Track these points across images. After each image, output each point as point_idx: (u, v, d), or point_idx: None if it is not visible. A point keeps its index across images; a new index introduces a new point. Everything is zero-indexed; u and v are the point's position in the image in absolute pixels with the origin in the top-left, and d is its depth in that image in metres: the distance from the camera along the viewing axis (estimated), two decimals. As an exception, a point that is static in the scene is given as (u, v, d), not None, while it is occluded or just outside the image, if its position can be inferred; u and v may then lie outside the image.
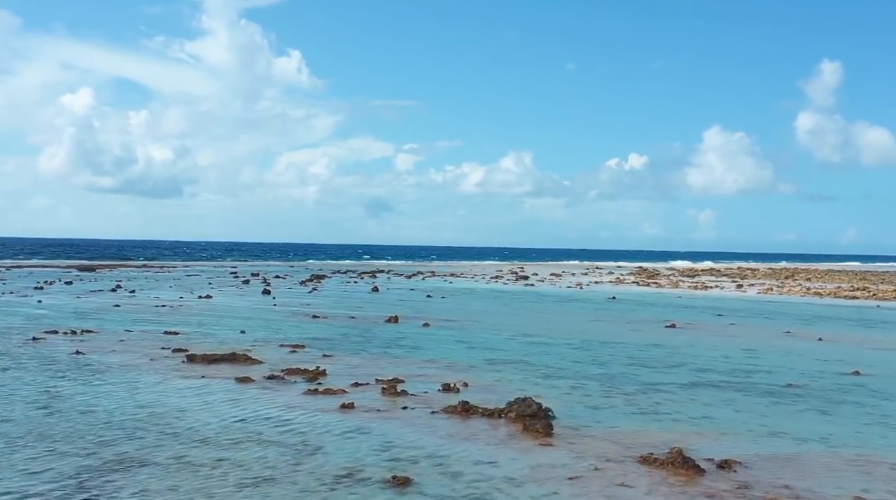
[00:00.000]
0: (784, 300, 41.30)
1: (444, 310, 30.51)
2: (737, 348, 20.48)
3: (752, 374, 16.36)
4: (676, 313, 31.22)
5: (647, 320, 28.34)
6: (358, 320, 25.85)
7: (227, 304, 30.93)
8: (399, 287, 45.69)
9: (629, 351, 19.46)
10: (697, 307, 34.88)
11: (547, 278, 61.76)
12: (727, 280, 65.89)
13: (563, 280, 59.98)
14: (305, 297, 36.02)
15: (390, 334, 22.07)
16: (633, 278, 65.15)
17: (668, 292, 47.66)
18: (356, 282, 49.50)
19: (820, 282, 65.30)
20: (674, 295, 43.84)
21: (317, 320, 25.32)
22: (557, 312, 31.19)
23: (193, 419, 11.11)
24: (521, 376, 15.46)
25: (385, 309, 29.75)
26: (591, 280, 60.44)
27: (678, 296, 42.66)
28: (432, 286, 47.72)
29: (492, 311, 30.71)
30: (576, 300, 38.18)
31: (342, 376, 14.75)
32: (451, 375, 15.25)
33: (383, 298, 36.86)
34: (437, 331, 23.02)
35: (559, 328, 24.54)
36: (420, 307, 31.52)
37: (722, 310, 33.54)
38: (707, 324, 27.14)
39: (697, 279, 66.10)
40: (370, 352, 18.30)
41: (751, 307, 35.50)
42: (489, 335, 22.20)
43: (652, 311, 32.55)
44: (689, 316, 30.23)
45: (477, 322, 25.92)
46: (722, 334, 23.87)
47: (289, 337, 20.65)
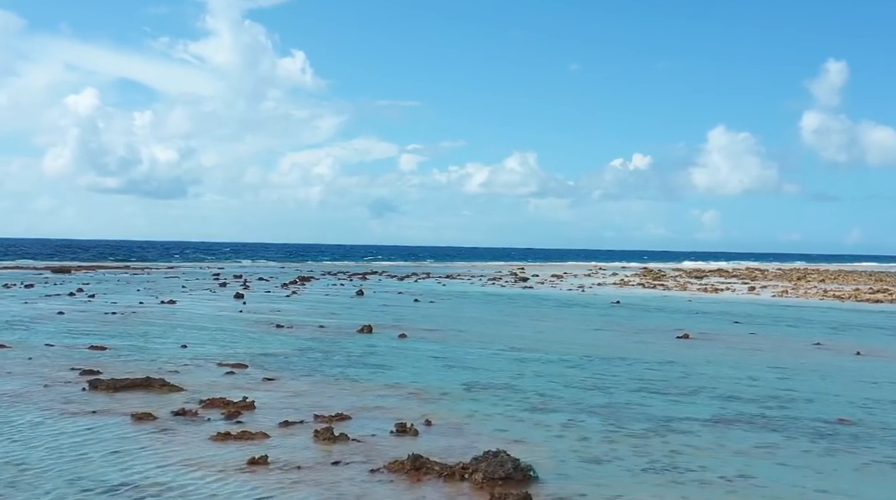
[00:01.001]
0: (803, 304, 38.10)
1: (428, 317, 27.42)
2: (764, 366, 17.34)
3: (789, 403, 13.21)
4: (688, 321, 28.07)
5: (655, 329, 25.20)
6: (326, 330, 22.75)
7: (188, 310, 27.85)
8: (388, 290, 42.60)
9: (636, 370, 16.33)
10: (710, 313, 31.71)
11: (547, 280, 58.62)
12: (737, 282, 62.69)
13: (564, 282, 56.81)
14: (280, 302, 32.95)
15: (358, 348, 18.97)
16: (639, 280, 61.98)
17: (677, 295, 44.47)
18: (343, 285, 46.44)
19: (835, 283, 62.06)
20: (683, 299, 40.67)
21: (279, 331, 22.23)
22: (555, 319, 28.06)
23: (27, 485, 8.01)
24: (502, 408, 12.34)
25: (363, 316, 26.68)
26: (593, 282, 57.28)
27: (688, 300, 39.48)
28: (424, 289, 44.63)
29: (482, 318, 27.60)
30: (577, 305, 35.04)
31: (274, 410, 11.66)
32: (414, 406, 12.16)
33: (366, 302, 33.77)
34: (414, 344, 19.91)
35: (555, 340, 21.42)
36: (403, 314, 28.43)
37: (737, 316, 30.38)
38: (724, 334, 23.99)
39: (706, 281, 62.90)
40: (325, 373, 15.21)
41: (769, 313, 32.32)
42: (473, 350, 19.08)
43: (660, 318, 29.40)
44: (703, 324, 27.09)
45: (462, 332, 22.82)
46: (743, 348, 20.71)
47: (236, 353, 17.57)
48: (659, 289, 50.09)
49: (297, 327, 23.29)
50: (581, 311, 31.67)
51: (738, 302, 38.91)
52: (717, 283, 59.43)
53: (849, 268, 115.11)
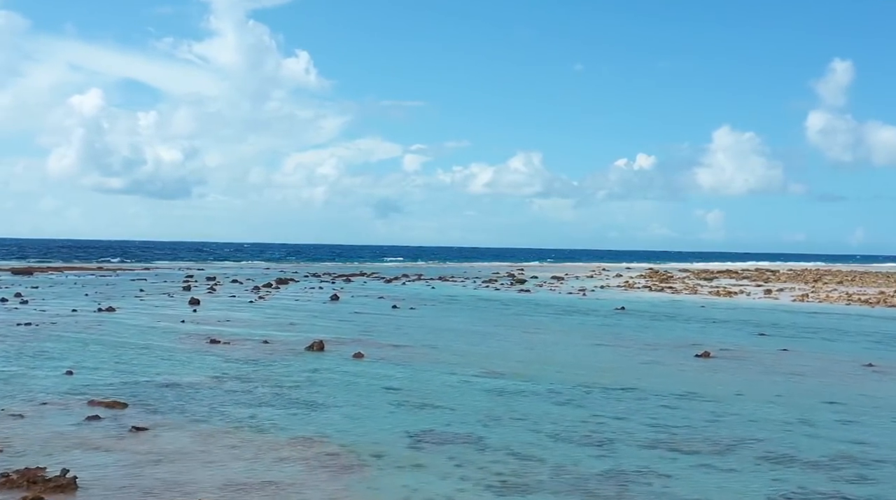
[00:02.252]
0: (829, 310, 34.01)
1: (401, 329, 23.45)
2: (814, 401, 13.33)
3: (871, 468, 9.22)
4: (705, 332, 24.07)
5: (667, 343, 21.19)
6: (270, 346, 18.77)
7: (121, 321, 23.89)
8: (368, 294, 38.62)
9: (649, 409, 12.34)
10: (728, 322, 27.68)
11: (547, 283, 54.58)
12: (750, 284, 58.59)
13: (564, 285, 52.76)
14: (239, 309, 28.99)
15: (294, 374, 15.00)
16: (645, 282, 57.91)
17: (687, 299, 40.42)
18: (321, 288, 42.46)
19: (855, 286, 57.90)
20: (695, 304, 36.64)
21: (210, 348, 18.26)
22: (550, 330, 24.04)
23: None
24: (454, 483, 8.38)
25: (324, 327, 22.80)
26: (596, 285, 53.23)
27: (700, 305, 35.43)
28: (409, 293, 40.65)
29: (465, 329, 23.61)
30: (577, 312, 31.02)
31: (104, 493, 7.68)
32: (322, 482, 8.20)
33: (337, 309, 29.79)
34: (368, 368, 15.94)
35: (547, 360, 17.43)
36: (373, 324, 24.48)
37: (761, 325, 26.36)
38: (751, 351, 19.97)
39: (716, 283, 58.84)
40: (227, 416, 11.25)
41: (795, 322, 28.26)
42: (441, 376, 15.11)
43: (672, 328, 25.39)
44: (722, 336, 23.08)
45: (435, 349, 18.85)
46: (779, 371, 16.68)
47: (132, 382, 13.64)
48: (667, 292, 46.04)
49: (237, 342, 19.32)
50: (581, 320, 27.65)
51: (756, 308, 34.85)
52: (729, 285, 55.37)
53: (861, 269, 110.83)
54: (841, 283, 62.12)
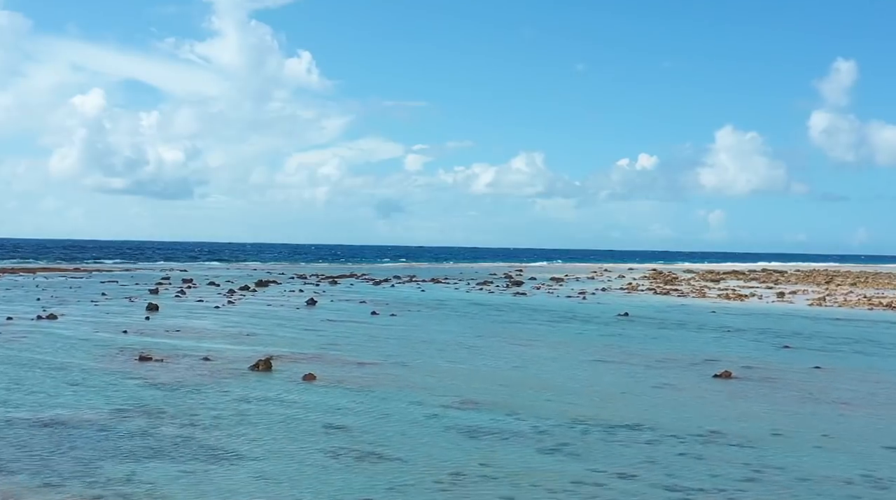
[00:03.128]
0: (853, 316, 31.04)
1: (374, 340, 20.55)
2: (874, 444, 10.44)
3: None
4: (720, 344, 21.14)
5: (679, 359, 18.26)
6: (209, 365, 15.86)
7: (55, 331, 20.97)
8: (350, 298, 35.69)
9: (662, 459, 9.42)
10: (745, 331, 24.72)
11: (545, 285, 51.63)
12: (759, 286, 55.64)
13: (563, 287, 49.83)
14: (200, 315, 26.10)
15: (222, 404, 12.10)
16: (649, 284, 54.95)
17: (695, 303, 37.47)
18: (301, 291, 39.52)
19: (871, 288, 54.89)
20: (704, 309, 33.69)
21: (138, 368, 15.36)
22: (544, 342, 21.10)
23: None
24: None
25: (286, 339, 19.97)
26: (597, 287, 50.27)
27: (711, 311, 32.46)
28: (396, 296, 37.73)
29: (446, 341, 20.69)
30: (575, 318, 28.09)
31: None
32: None
33: (309, 316, 26.88)
34: (317, 394, 13.03)
35: (536, 383, 14.51)
36: (343, 334, 21.58)
37: (782, 335, 23.43)
38: (778, 369, 17.03)
39: (724, 285, 55.86)
40: (94, 474, 8.35)
41: (819, 330, 25.31)
42: (404, 407, 12.20)
43: (683, 339, 22.45)
44: (741, 349, 20.16)
45: (405, 368, 15.93)
46: (818, 398, 13.75)
47: (8, 417, 10.76)
48: (673, 296, 43.08)
49: (173, 359, 16.40)
50: (579, 329, 24.70)
51: (772, 313, 31.88)
52: (737, 287, 52.41)
53: (871, 270, 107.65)
54: (855, 285, 59.09)
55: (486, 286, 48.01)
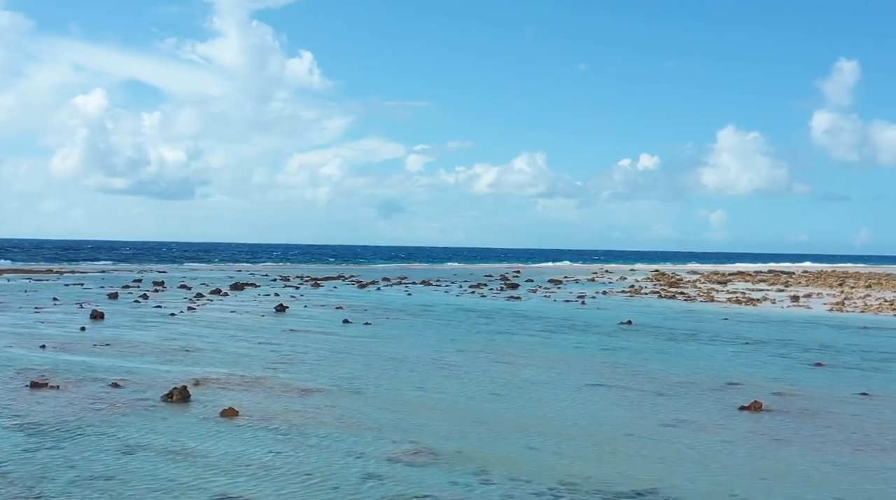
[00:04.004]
0: (882, 324, 27.91)
1: (336, 355, 17.50)
2: None
3: None
4: (740, 360, 18.07)
5: (694, 382, 15.20)
6: (114, 393, 12.81)
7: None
8: (328, 303, 32.62)
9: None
10: (766, 343, 21.65)
11: (542, 287, 48.55)
12: (769, 288, 52.57)
13: (562, 289, 46.76)
14: (148, 325, 23.05)
15: (91, 458, 9.09)
16: (652, 286, 51.87)
17: (705, 309, 34.40)
18: (277, 295, 36.44)
19: (887, 290, 51.78)
20: (715, 315, 30.63)
21: (18, 398, 12.31)
22: (533, 359, 18.03)
23: None
24: None
25: (228, 356, 16.99)
26: (598, 289, 47.20)
27: (723, 318, 29.36)
28: (379, 301, 34.69)
29: (418, 358, 17.63)
30: (572, 328, 25.04)
31: None
32: None
33: (271, 325, 23.82)
34: (225, 441, 9.97)
35: (517, 421, 11.47)
36: (300, 349, 18.53)
37: (809, 348, 20.40)
38: (816, 396, 13.97)
39: (732, 287, 52.79)
40: None
41: (850, 341, 22.23)
42: (334, 459, 9.19)
43: (696, 354, 19.38)
44: (766, 367, 17.11)
45: (357, 397, 12.90)
46: (880, 446, 10.67)
47: None
48: (679, 299, 40.01)
49: (74, 385, 13.36)
50: (576, 342, 21.62)
51: (791, 320, 28.79)
52: (746, 290, 49.36)
53: (880, 271, 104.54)
54: (869, 287, 55.93)
55: (479, 289, 44.93)
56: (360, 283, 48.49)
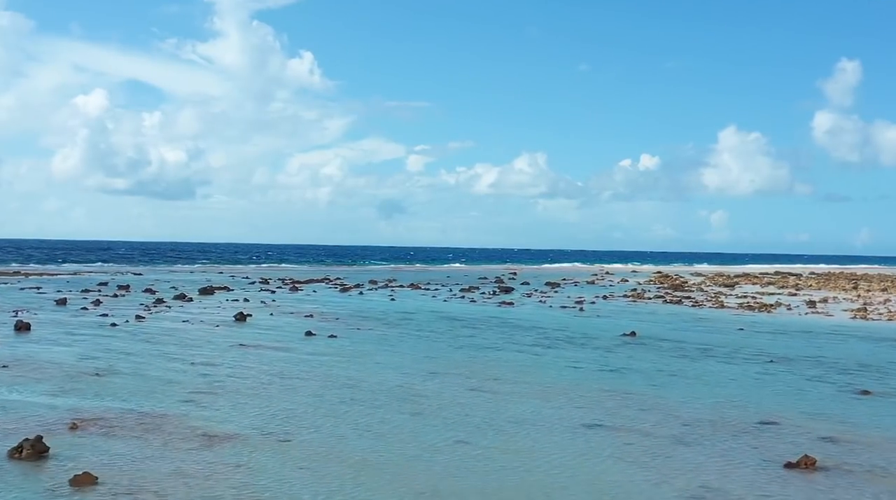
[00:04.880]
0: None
1: (275, 383, 14.36)
2: None
3: None
4: (770, 387, 14.93)
5: (717, 419, 12.05)
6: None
7: None
8: (300, 309, 29.43)
9: None
10: (793, 360, 18.50)
11: (538, 291, 45.38)
12: (778, 291, 49.42)
13: (559, 294, 43.61)
14: (77, 338, 19.91)
15: None
16: (656, 290, 48.73)
17: (715, 316, 31.25)
18: (247, 301, 33.28)
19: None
20: (728, 323, 27.49)
21: None
22: (519, 385, 14.87)
23: None
24: None
25: (148, 383, 13.87)
26: (598, 293, 44.04)
27: (738, 328, 26.19)
28: (358, 307, 31.54)
29: (380, 384, 14.49)
30: (568, 340, 21.90)
31: None
32: None
33: (224, 338, 20.65)
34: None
35: (483, 488, 8.33)
36: (241, 370, 15.41)
37: (845, 367, 17.27)
38: (877, 442, 10.83)
39: (740, 291, 49.63)
40: None
41: (892, 359, 19.07)
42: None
43: (714, 376, 16.23)
44: (803, 396, 13.99)
45: (280, 447, 9.78)
46: None
47: None
48: (686, 305, 36.86)
49: (-88, 431, 10.22)
50: (572, 358, 18.45)
51: (814, 331, 25.62)
52: (756, 293, 46.20)
53: (889, 272, 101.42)
54: (885, 290, 52.75)
55: (470, 293, 41.78)
56: (344, 286, 45.31)
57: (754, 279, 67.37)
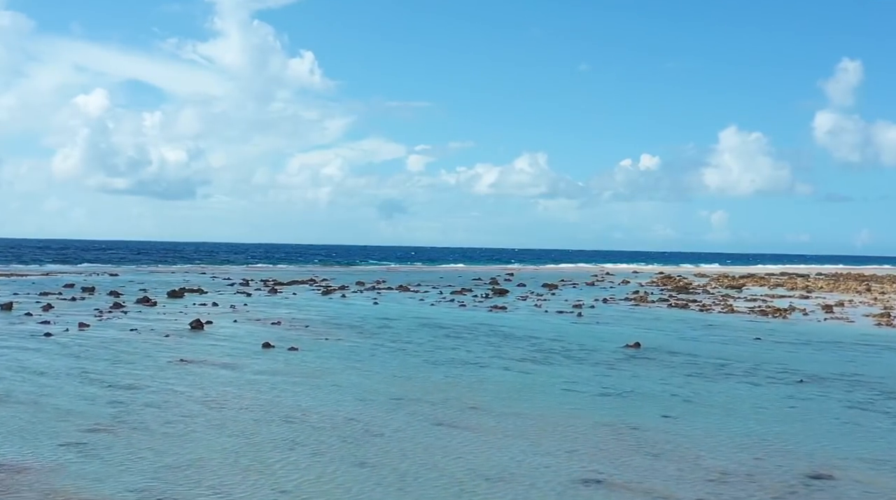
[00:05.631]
0: (954, 347, 22.05)
1: (201, 416, 11.62)
2: None
3: None
4: (807, 419, 12.20)
5: (754, 470, 9.31)
6: None
7: None
8: (268, 316, 26.67)
9: None
10: (826, 379, 15.77)
11: (534, 293, 42.63)
12: (789, 294, 46.71)
13: (556, 296, 40.88)
14: (9, 349, 17.22)
15: None
16: (660, 292, 45.99)
17: (726, 322, 28.51)
18: (215, 305, 30.55)
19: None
20: (742, 331, 24.77)
21: None
22: (499, 417, 12.13)
23: None
24: None
25: (46, 412, 11.15)
26: (598, 295, 41.31)
27: (754, 337, 23.47)
28: (335, 312, 28.80)
29: (329, 418, 11.76)
30: (564, 354, 19.16)
31: None
32: None
33: (173, 349, 17.88)
34: None
35: None
36: (169, 395, 12.68)
37: (887, 388, 14.56)
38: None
39: (749, 293, 46.91)
40: None
41: (939, 379, 16.34)
42: None
43: (737, 402, 13.49)
44: (852, 433, 11.26)
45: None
46: None
47: None
48: (693, 309, 34.14)
49: None
50: (567, 378, 15.70)
51: (840, 341, 22.88)
52: (766, 296, 43.48)
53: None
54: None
55: (462, 296, 39.06)
56: (328, 288, 42.55)
57: (761, 280, 64.67)
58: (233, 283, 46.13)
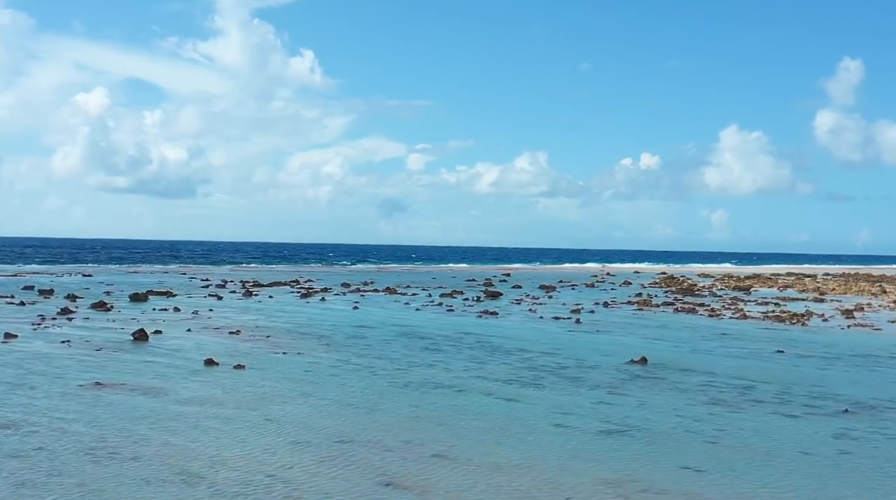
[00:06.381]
0: None
1: (91, 467, 8.82)
2: None
3: None
4: (873, 474, 9.39)
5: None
6: None
7: None
8: (232, 323, 23.87)
9: None
10: (876, 409, 12.98)
11: (529, 296, 39.81)
12: (801, 296, 43.89)
13: (553, 299, 38.07)
14: None
15: None
16: (664, 295, 43.16)
17: (741, 329, 25.70)
18: (177, 310, 27.74)
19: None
20: (760, 342, 21.98)
21: None
22: (466, 469, 9.34)
23: None
24: None
25: None
26: (598, 298, 38.48)
27: (776, 349, 20.64)
28: (308, 317, 25.98)
29: (246, 475, 8.98)
30: (559, 373, 16.36)
31: None
32: None
33: (96, 367, 15.09)
34: None
35: None
36: (50, 437, 9.89)
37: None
38: None
39: (759, 295, 44.08)
40: None
41: None
42: None
43: (771, 441, 10.68)
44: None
45: None
46: None
47: None
48: (702, 314, 31.34)
49: None
50: (560, 406, 12.86)
51: (874, 354, 20.07)
52: (778, 299, 40.65)
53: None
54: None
55: (452, 299, 36.26)
56: (309, 291, 39.70)
57: (768, 281, 61.84)
58: (209, 284, 43.30)
